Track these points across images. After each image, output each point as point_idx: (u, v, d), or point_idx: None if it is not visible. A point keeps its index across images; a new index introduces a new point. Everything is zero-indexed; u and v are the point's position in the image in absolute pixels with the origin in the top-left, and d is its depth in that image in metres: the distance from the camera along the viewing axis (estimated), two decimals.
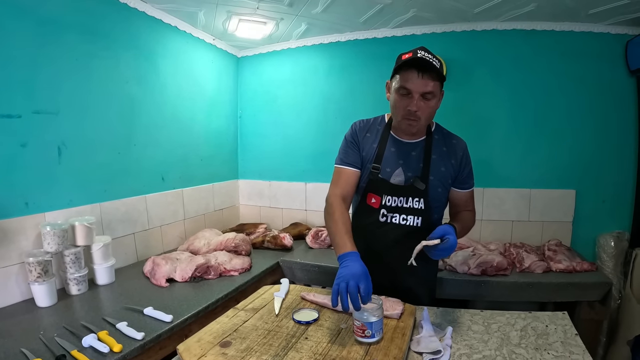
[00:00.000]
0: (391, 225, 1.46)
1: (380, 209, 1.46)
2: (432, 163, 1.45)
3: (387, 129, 1.50)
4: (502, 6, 2.32)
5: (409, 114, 1.36)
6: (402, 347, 1.11)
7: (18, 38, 1.69)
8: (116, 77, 2.18)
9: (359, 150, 1.50)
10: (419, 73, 1.31)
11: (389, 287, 1.48)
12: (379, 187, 1.46)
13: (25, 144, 1.74)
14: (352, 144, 1.52)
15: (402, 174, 1.45)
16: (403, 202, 1.44)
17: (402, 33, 2.80)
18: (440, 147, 1.49)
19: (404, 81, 1.34)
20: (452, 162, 1.48)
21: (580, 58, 2.54)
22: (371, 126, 1.53)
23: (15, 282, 1.69)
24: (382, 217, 1.47)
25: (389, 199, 1.45)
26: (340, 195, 1.47)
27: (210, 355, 1.08)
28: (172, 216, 2.64)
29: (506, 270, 2.13)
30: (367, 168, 1.49)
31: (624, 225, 2.52)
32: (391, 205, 1.45)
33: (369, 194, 1.48)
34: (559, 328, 1.29)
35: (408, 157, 1.46)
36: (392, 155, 1.46)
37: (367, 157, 1.49)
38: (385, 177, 1.46)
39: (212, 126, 3.07)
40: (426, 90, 1.32)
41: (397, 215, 1.45)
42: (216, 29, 2.79)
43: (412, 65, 1.31)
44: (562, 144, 2.61)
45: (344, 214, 1.41)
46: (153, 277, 1.98)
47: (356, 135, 1.52)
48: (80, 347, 1.29)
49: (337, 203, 1.44)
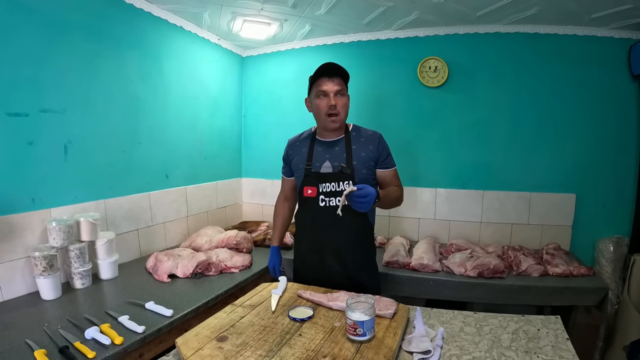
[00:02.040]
0: (331, 208, 1.71)
1: (318, 196, 1.73)
2: (353, 152, 1.75)
3: (313, 135, 1.84)
4: (504, 9, 2.33)
5: (331, 109, 1.69)
6: (392, 346, 1.14)
7: (26, 38, 1.73)
8: (122, 77, 2.22)
9: (289, 164, 1.89)
10: (329, 77, 1.69)
11: (340, 268, 1.75)
12: (313, 178, 1.74)
13: (32, 141, 1.78)
14: (284, 160, 1.92)
15: (330, 165, 1.74)
16: (335, 186, 1.71)
17: (405, 35, 2.82)
18: (359, 139, 1.79)
19: (319, 86, 1.70)
20: (371, 147, 1.76)
21: (583, 62, 2.54)
22: (301, 138, 1.88)
23: (21, 276, 1.74)
24: (321, 202, 1.73)
25: (324, 185, 1.72)
26: (283, 197, 2.03)
27: (207, 349, 1.12)
28: (175, 213, 2.68)
29: (503, 273, 2.14)
30: (300, 168, 1.79)
31: (623, 231, 2.52)
32: (327, 191, 1.72)
33: (305, 187, 1.76)
34: (551, 332, 1.31)
35: (332, 151, 1.77)
36: (319, 153, 1.77)
37: (300, 161, 1.81)
38: (316, 170, 1.75)
39: (216, 125, 3.11)
40: (337, 88, 1.69)
41: (334, 198, 1.72)
42: (221, 29, 2.82)
43: (322, 73, 1.69)
44: (563, 148, 2.62)
45: (282, 211, 2.04)
46: (155, 273, 2.02)
47: (286, 152, 1.91)
48: (83, 339, 1.33)
49: (279, 203, 2.06)
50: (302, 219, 1.85)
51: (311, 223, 1.78)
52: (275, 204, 2.08)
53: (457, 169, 2.84)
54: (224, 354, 1.09)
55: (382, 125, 2.93)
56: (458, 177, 2.84)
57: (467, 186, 2.82)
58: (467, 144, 2.80)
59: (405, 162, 2.86)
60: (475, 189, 2.80)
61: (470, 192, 2.81)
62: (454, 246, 2.56)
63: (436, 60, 2.75)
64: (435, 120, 2.85)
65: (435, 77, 2.77)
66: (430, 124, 2.87)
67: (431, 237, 2.80)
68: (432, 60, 2.76)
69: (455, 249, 2.53)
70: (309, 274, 1.81)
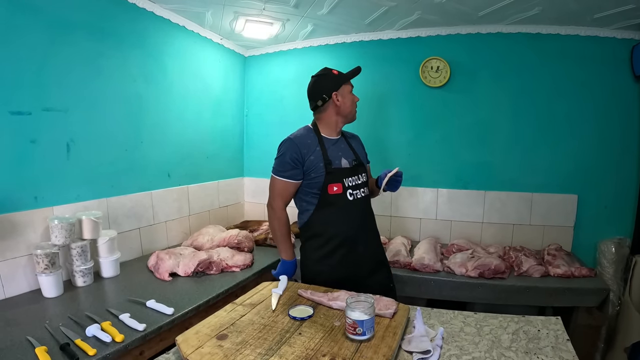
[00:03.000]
0: (358, 200, 1.80)
1: (345, 191, 1.77)
2: (355, 148, 1.90)
3: (318, 134, 1.82)
4: (506, 9, 2.33)
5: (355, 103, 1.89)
6: (392, 345, 1.14)
7: (29, 37, 1.74)
8: (124, 76, 2.23)
9: (302, 166, 1.75)
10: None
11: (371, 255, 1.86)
12: (336, 175, 1.76)
13: (34, 140, 1.79)
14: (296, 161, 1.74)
15: (345, 161, 1.81)
16: (356, 179, 1.81)
17: (407, 35, 2.82)
18: (349, 138, 1.95)
19: (350, 85, 1.87)
20: (360, 146, 1.99)
21: (585, 63, 2.53)
22: (308, 136, 1.81)
23: (23, 273, 1.75)
24: (350, 197, 1.78)
25: (350, 180, 1.78)
26: (283, 205, 1.84)
27: (207, 347, 1.13)
28: (177, 212, 2.69)
29: (504, 274, 2.14)
30: (320, 167, 1.74)
31: (625, 232, 2.52)
32: (352, 184, 1.79)
33: (330, 184, 1.74)
34: (551, 333, 1.30)
35: (341, 148, 1.85)
36: (332, 151, 1.80)
37: (317, 160, 1.75)
38: (337, 166, 1.78)
39: (218, 125, 3.12)
40: None
41: (358, 190, 1.81)
42: (223, 29, 2.83)
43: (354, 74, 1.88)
44: (565, 149, 2.61)
45: (286, 219, 1.86)
46: (157, 271, 2.03)
47: (298, 153, 1.74)
48: (83, 337, 1.33)
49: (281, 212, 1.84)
50: (328, 218, 1.77)
51: (343, 219, 1.77)
52: (275, 214, 1.84)
53: (459, 169, 2.83)
54: (223, 352, 1.10)
55: (383, 126, 2.97)
56: (460, 177, 2.84)
57: (468, 186, 2.82)
58: (468, 144, 2.80)
59: (406, 161, 2.87)
60: (476, 189, 2.79)
61: (471, 192, 2.80)
62: (455, 246, 2.56)
63: (438, 60, 2.75)
64: (437, 120, 2.85)
65: (437, 77, 2.77)
66: (432, 124, 2.87)
67: (432, 237, 2.80)
68: (434, 60, 2.76)
69: (457, 249, 2.53)
70: (341, 271, 1.77)
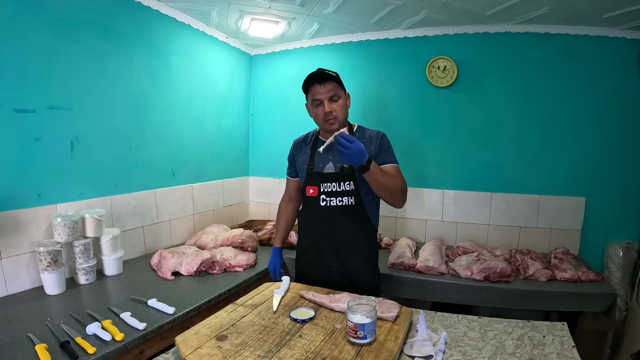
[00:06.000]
0: (331, 208, 1.74)
1: (320, 195, 1.75)
2: None
3: (316, 136, 1.86)
4: (514, 9, 2.30)
5: (327, 115, 1.69)
6: (393, 350, 1.12)
7: (34, 35, 1.75)
8: (129, 74, 2.23)
9: (294, 165, 1.91)
10: (320, 84, 1.67)
11: (338, 268, 1.76)
12: (314, 178, 1.76)
13: (39, 137, 1.80)
14: (289, 160, 1.95)
15: (332, 166, 1.75)
16: (336, 186, 1.73)
17: (414, 34, 2.79)
18: (361, 140, 1.74)
19: (313, 95, 1.70)
20: (372, 147, 1.74)
21: (593, 63, 2.49)
22: (305, 139, 1.91)
23: (26, 270, 1.75)
24: (322, 202, 1.75)
25: (326, 185, 1.74)
26: (287, 198, 2.04)
27: (206, 348, 1.12)
28: (181, 211, 2.69)
29: (509, 277, 2.10)
30: (304, 169, 1.81)
31: (633, 236, 2.47)
32: (328, 190, 1.74)
33: (307, 186, 1.79)
34: (557, 339, 1.28)
35: (336, 152, 1.67)
36: (322, 154, 1.73)
37: (303, 161, 1.83)
38: (318, 170, 1.77)
39: (224, 123, 3.11)
40: (330, 94, 1.67)
41: (334, 198, 1.73)
42: (229, 28, 2.82)
43: (313, 80, 1.68)
44: (573, 151, 2.57)
45: (286, 212, 2.04)
46: (159, 270, 2.03)
47: (291, 153, 1.94)
48: (84, 335, 1.33)
49: (283, 203, 2.06)
50: (304, 218, 1.89)
51: (312, 222, 1.82)
52: (279, 204, 2.09)
53: (465, 170, 2.80)
54: (222, 354, 1.09)
55: (389, 125, 2.94)
56: (466, 179, 2.80)
57: (475, 188, 2.78)
58: (475, 145, 2.76)
59: (412, 162, 2.85)
60: (483, 190, 2.76)
61: (478, 194, 2.77)
62: (461, 248, 2.53)
63: (445, 60, 2.72)
64: (443, 121, 2.82)
65: (444, 77, 2.74)
66: (438, 125, 2.84)
67: (438, 238, 2.77)
68: (441, 59, 2.73)
69: (462, 251, 2.50)
70: (309, 273, 1.83)
